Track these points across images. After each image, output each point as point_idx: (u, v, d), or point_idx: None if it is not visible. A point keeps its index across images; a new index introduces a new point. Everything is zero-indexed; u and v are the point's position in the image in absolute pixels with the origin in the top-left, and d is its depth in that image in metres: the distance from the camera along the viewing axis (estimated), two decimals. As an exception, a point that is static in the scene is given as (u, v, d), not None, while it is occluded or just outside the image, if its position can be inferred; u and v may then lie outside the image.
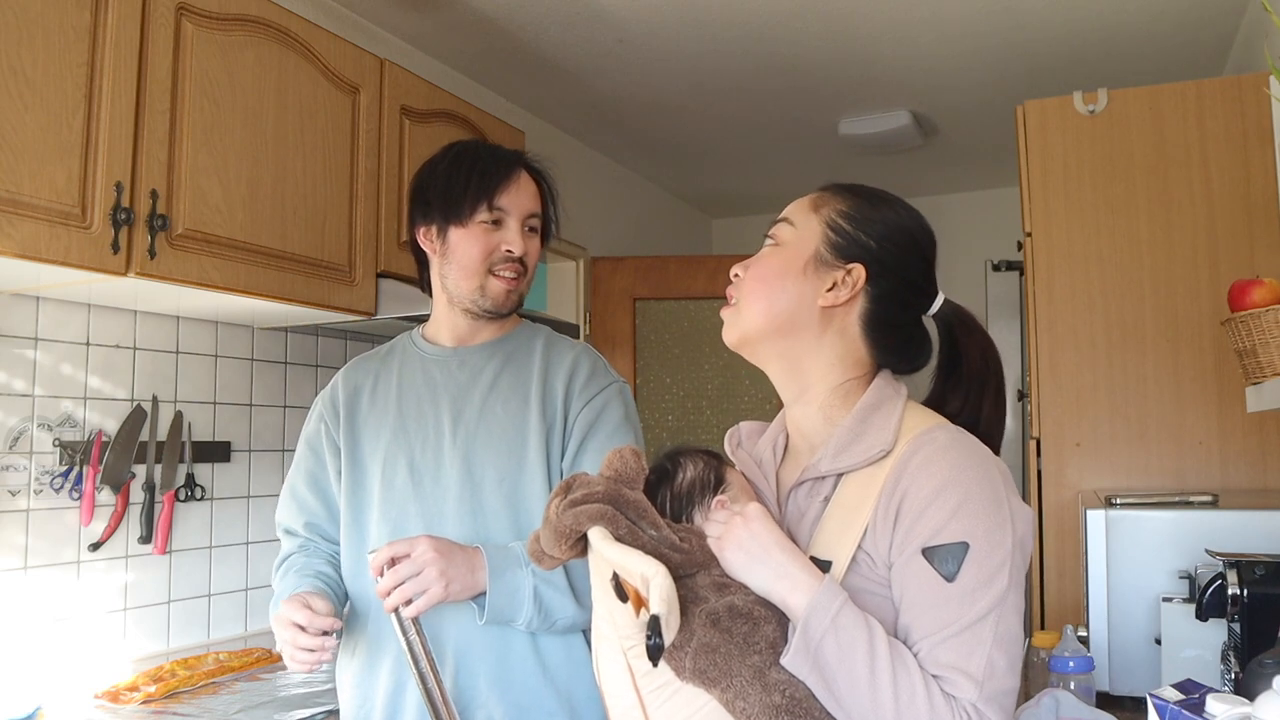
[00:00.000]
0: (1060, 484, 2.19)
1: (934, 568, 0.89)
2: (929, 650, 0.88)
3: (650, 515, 0.94)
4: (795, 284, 1.03)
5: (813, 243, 1.04)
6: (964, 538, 0.89)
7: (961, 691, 0.86)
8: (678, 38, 2.87)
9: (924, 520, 0.90)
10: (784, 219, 1.08)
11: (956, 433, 0.97)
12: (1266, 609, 1.42)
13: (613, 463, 0.97)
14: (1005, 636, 0.88)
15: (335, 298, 2.08)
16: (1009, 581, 0.89)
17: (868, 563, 0.93)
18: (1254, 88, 2.14)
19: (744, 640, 0.88)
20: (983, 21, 2.77)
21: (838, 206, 1.06)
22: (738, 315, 1.06)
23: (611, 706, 0.97)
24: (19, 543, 1.87)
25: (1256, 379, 1.58)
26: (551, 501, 0.96)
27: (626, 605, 0.87)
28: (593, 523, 0.91)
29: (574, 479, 0.98)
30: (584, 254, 3.90)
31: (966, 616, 0.87)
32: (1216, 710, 0.96)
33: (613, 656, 0.94)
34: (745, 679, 0.86)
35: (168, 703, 1.73)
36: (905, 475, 0.93)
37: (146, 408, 2.11)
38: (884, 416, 0.99)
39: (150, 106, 1.70)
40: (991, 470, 0.94)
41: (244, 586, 2.33)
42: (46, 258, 1.53)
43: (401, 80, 2.31)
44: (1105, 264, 2.21)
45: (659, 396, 4.00)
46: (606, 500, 0.92)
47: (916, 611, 0.89)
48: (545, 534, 0.95)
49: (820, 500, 0.99)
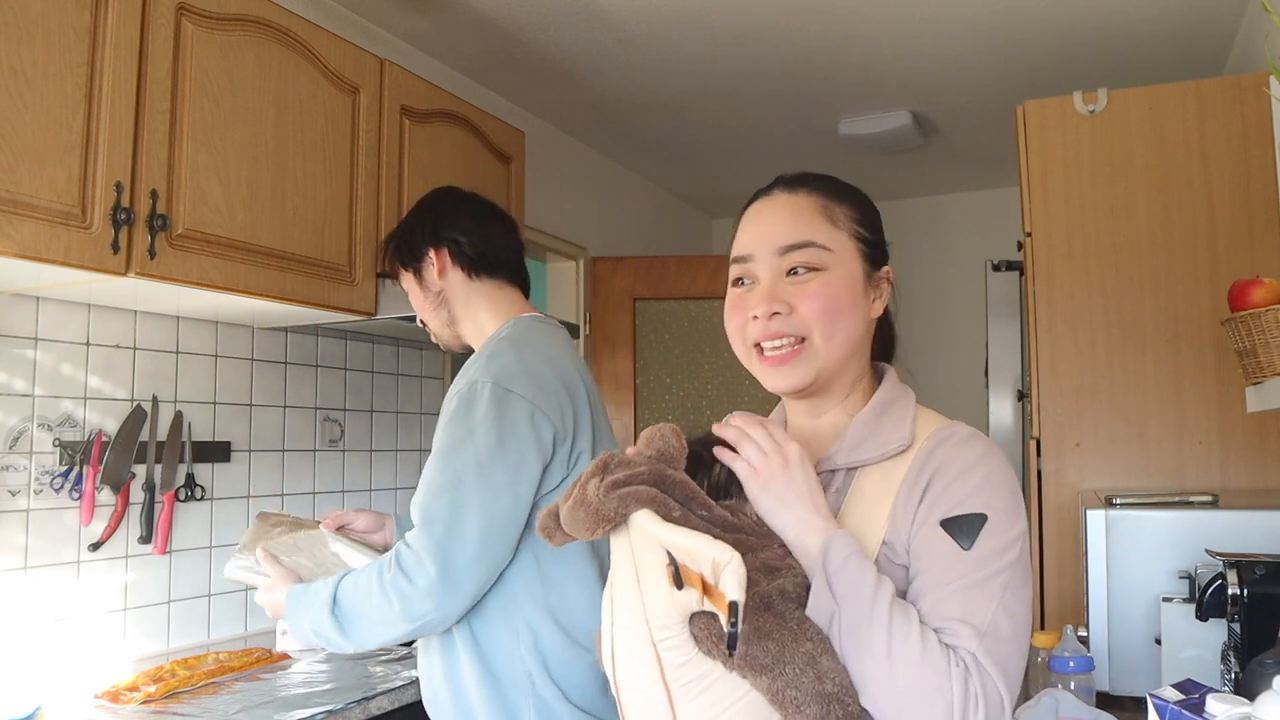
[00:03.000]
0: (1060, 484, 2.19)
1: (952, 537, 0.90)
2: (934, 603, 0.88)
3: (699, 496, 0.89)
4: (860, 308, 1.02)
5: (856, 262, 1.02)
6: (984, 509, 0.91)
7: (961, 640, 0.85)
8: (678, 38, 2.87)
9: (947, 494, 0.92)
10: (810, 243, 1.00)
11: (974, 429, 1.00)
12: (1266, 609, 1.42)
13: (653, 441, 0.90)
14: (1013, 604, 0.88)
15: (335, 298, 2.08)
16: (1019, 556, 0.91)
17: (890, 554, 0.94)
18: (1254, 88, 2.14)
19: (797, 625, 0.85)
20: (983, 21, 2.77)
21: (849, 214, 1.04)
22: (814, 354, 0.99)
23: (628, 702, 0.90)
24: (19, 543, 1.87)
25: (1256, 379, 1.58)
26: (588, 482, 0.87)
27: (680, 593, 0.80)
28: (640, 505, 0.84)
29: (610, 457, 0.89)
30: (584, 254, 3.90)
31: (977, 574, 0.88)
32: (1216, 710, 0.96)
33: (638, 649, 0.86)
34: (798, 665, 0.82)
35: (168, 703, 1.73)
36: (933, 460, 0.95)
37: (146, 408, 2.11)
38: (900, 413, 1.01)
39: (150, 106, 1.70)
40: (1008, 464, 0.97)
41: (244, 587, 2.33)
42: (46, 258, 1.53)
43: (401, 80, 2.31)
44: (1105, 264, 2.21)
45: (659, 396, 4.00)
46: (652, 481, 0.86)
47: (929, 575, 0.90)
48: (578, 514, 0.86)
49: (832, 492, 1.00)
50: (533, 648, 1.50)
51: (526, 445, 1.45)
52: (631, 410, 3.94)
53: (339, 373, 2.64)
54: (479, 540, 1.42)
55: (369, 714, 1.74)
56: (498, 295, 1.69)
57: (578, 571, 1.55)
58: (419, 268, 1.69)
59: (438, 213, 1.71)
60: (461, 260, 1.67)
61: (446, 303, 1.69)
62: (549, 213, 3.59)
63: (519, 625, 1.51)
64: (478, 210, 1.72)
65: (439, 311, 1.70)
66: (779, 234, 1.01)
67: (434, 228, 1.69)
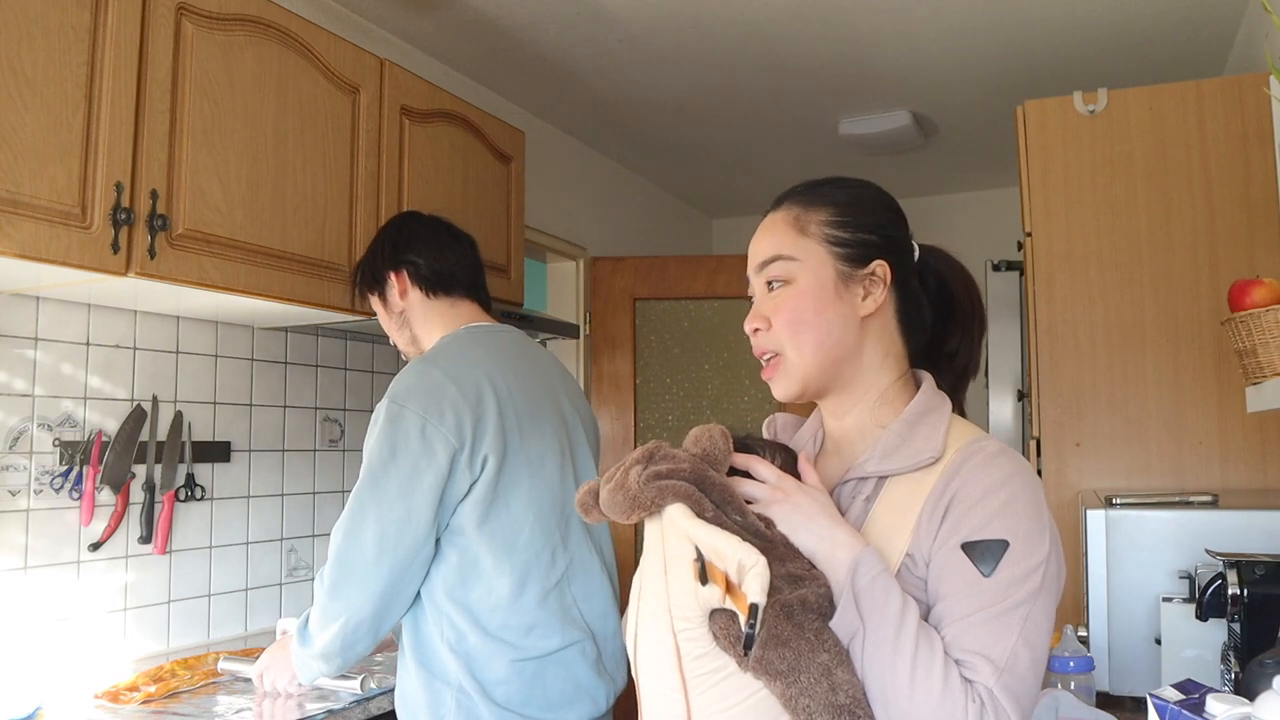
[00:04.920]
0: (1060, 484, 2.19)
1: (973, 562, 0.90)
2: (956, 635, 0.88)
3: (736, 500, 0.91)
4: (834, 311, 1.02)
5: (826, 266, 1.02)
6: (1005, 535, 0.90)
7: (980, 676, 0.86)
8: (678, 38, 2.87)
9: (969, 517, 0.92)
10: (775, 256, 1.03)
11: (1005, 445, 0.99)
12: (1266, 609, 1.42)
13: (700, 440, 0.93)
14: (1032, 635, 0.88)
15: (335, 298, 2.08)
16: (1041, 585, 0.90)
17: (911, 566, 0.94)
18: (1254, 88, 2.14)
19: (815, 636, 0.86)
20: (983, 21, 2.77)
21: (822, 217, 1.04)
22: (790, 366, 1.02)
23: (646, 685, 0.93)
24: (19, 543, 1.87)
25: (1256, 379, 1.58)
26: (631, 468, 0.90)
27: (704, 588, 0.83)
28: (677, 499, 0.87)
29: (657, 447, 0.92)
30: (584, 254, 3.90)
31: (997, 606, 0.88)
32: (1216, 710, 0.96)
33: (659, 636, 0.90)
34: (813, 676, 0.84)
35: (168, 703, 1.73)
36: (957, 478, 0.94)
37: (146, 408, 2.11)
38: (932, 424, 1.00)
39: (150, 106, 1.70)
40: (1035, 481, 0.96)
41: (244, 586, 2.34)
42: (46, 258, 1.53)
43: (401, 80, 2.31)
44: (1105, 264, 2.21)
45: (659, 396, 4.00)
46: (693, 479, 0.88)
47: (950, 601, 0.90)
48: (617, 498, 0.89)
49: (862, 500, 1.00)
50: (456, 645, 1.58)
51: (418, 457, 1.54)
52: (631, 410, 3.94)
53: (339, 373, 2.64)
54: (375, 545, 1.53)
55: (369, 714, 1.75)
56: (451, 312, 1.78)
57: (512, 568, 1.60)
58: (383, 290, 1.81)
59: (396, 237, 1.81)
60: (419, 281, 1.77)
61: (408, 322, 1.80)
62: (549, 213, 3.59)
63: (444, 624, 1.60)
64: (434, 232, 1.82)
65: (403, 331, 1.81)
66: (756, 252, 1.06)
67: (393, 252, 1.79)
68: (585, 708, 1.64)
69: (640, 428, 3.96)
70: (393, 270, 1.78)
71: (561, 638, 1.62)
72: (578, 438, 1.79)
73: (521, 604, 1.59)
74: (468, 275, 1.81)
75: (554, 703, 1.61)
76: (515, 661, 1.58)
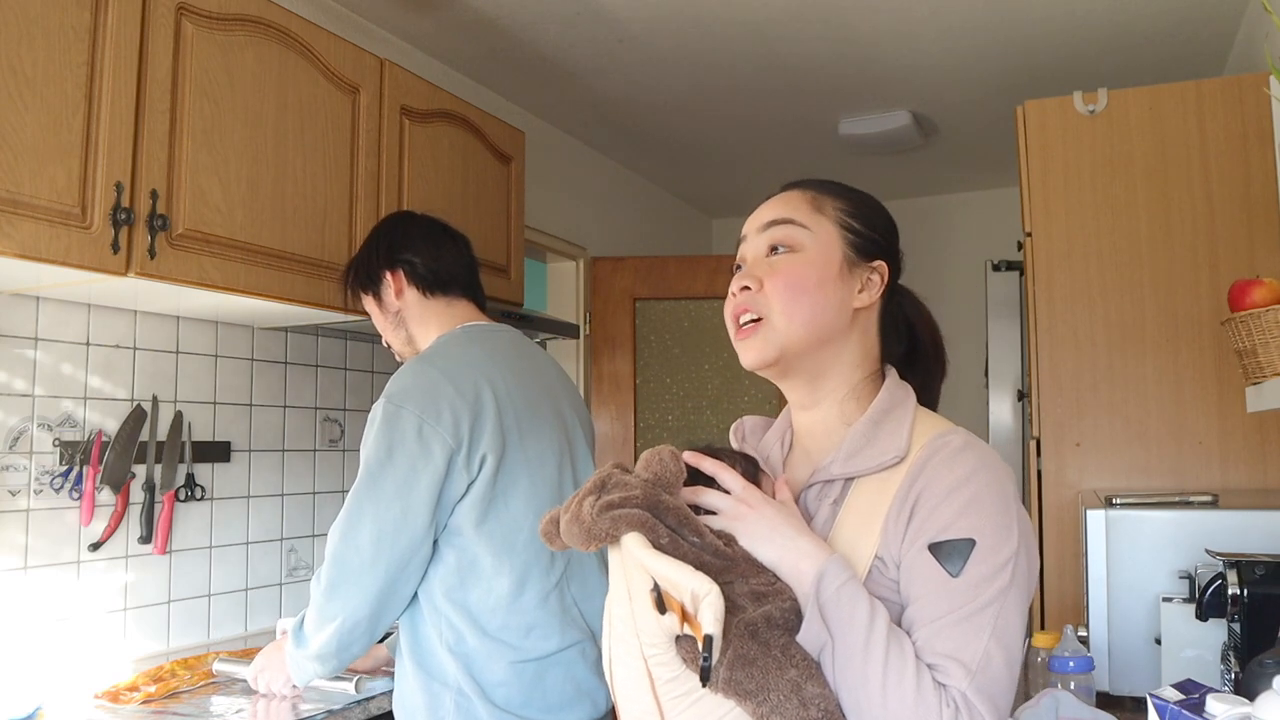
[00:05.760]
0: (1060, 484, 2.19)
1: (940, 563, 0.89)
2: (927, 639, 0.88)
3: (692, 522, 0.90)
4: (835, 290, 1.01)
5: (836, 245, 1.02)
6: (971, 534, 0.90)
7: (953, 680, 0.85)
8: (678, 38, 2.87)
9: (934, 517, 0.91)
10: (787, 220, 1.03)
11: (969, 437, 0.98)
12: (1266, 609, 1.42)
13: (651, 464, 0.92)
14: (1004, 632, 0.88)
15: (335, 298, 2.08)
16: (1011, 580, 0.89)
17: (881, 568, 0.93)
18: (1254, 88, 2.14)
19: (781, 653, 0.85)
20: (983, 21, 2.77)
21: (837, 205, 1.05)
22: (773, 331, 1.00)
23: (624, 709, 0.94)
24: (19, 543, 1.87)
25: (1256, 379, 1.58)
26: (585, 499, 0.90)
27: (664, 617, 0.83)
28: (630, 529, 0.86)
29: (608, 476, 0.92)
30: (584, 254, 3.90)
31: (967, 607, 0.87)
32: (1216, 710, 0.96)
33: (631, 661, 0.90)
34: (782, 693, 0.83)
35: (168, 703, 1.73)
36: (922, 477, 0.94)
37: (146, 408, 2.11)
38: (897, 421, 0.99)
39: (150, 106, 1.70)
40: (1002, 475, 0.95)
41: (244, 586, 2.34)
42: (46, 258, 1.53)
43: (401, 80, 2.31)
44: (1105, 264, 2.21)
45: (659, 396, 4.00)
46: (645, 506, 0.88)
47: (920, 604, 0.90)
48: (572, 530, 0.89)
49: (829, 503, 0.99)
50: (455, 647, 1.58)
51: (415, 457, 1.53)
52: (631, 410, 3.94)
53: (339, 373, 2.64)
54: (372, 546, 1.52)
55: (369, 714, 1.75)
56: (447, 312, 1.77)
57: (511, 568, 1.59)
58: (378, 290, 1.79)
59: (392, 236, 1.80)
60: (416, 280, 1.76)
61: (404, 322, 1.78)
62: (549, 213, 3.59)
63: (442, 625, 1.59)
64: (430, 231, 1.81)
65: (398, 331, 1.80)
66: (765, 213, 1.06)
67: (389, 251, 1.78)
68: (585, 710, 1.64)
69: (640, 428, 3.96)
70: (389, 269, 1.77)
71: (561, 639, 1.61)
72: (577, 438, 1.78)
73: (521, 604, 1.59)
74: (464, 274, 1.81)
75: (554, 704, 1.60)
76: (515, 663, 1.58)
